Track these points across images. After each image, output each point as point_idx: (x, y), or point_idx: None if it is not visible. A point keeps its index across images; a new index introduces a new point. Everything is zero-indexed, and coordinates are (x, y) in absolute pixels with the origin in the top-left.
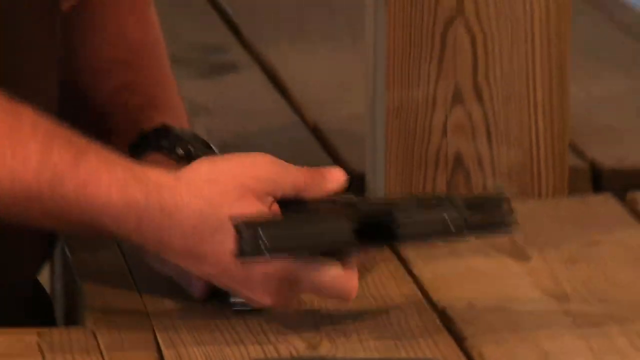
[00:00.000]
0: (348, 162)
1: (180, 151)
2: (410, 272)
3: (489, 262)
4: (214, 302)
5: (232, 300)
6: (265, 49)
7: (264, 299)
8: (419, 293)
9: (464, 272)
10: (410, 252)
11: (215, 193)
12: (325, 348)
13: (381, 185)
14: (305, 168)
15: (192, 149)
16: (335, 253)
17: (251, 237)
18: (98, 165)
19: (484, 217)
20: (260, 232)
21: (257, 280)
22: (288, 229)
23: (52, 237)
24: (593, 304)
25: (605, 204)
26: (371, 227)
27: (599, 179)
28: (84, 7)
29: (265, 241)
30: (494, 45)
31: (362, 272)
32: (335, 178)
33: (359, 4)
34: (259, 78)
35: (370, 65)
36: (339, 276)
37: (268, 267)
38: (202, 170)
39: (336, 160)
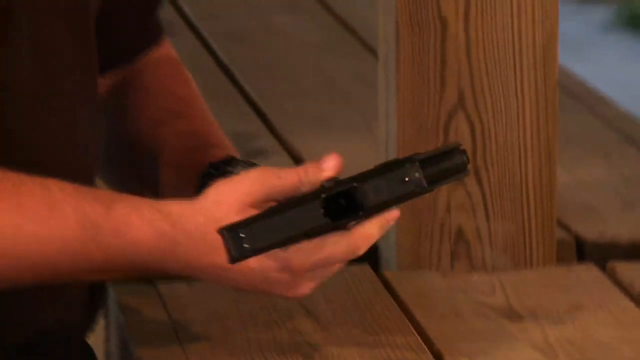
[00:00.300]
0: None
1: None
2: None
3: (487, 323)
4: None
5: None
6: (292, 137)
7: (287, 292)
8: (424, 345)
9: (464, 332)
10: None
11: (220, 212)
12: None
13: (393, 255)
14: (301, 166)
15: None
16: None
17: (234, 241)
18: (127, 211)
19: (441, 168)
20: (241, 235)
21: (272, 277)
22: (265, 224)
23: (97, 299)
24: None
25: (589, 272)
26: (338, 203)
27: (583, 250)
28: (134, 76)
29: (247, 241)
30: (490, 134)
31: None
32: (330, 166)
33: (373, 99)
34: (286, 162)
35: (383, 152)
36: (340, 242)
37: (267, 263)
38: (210, 194)
39: None
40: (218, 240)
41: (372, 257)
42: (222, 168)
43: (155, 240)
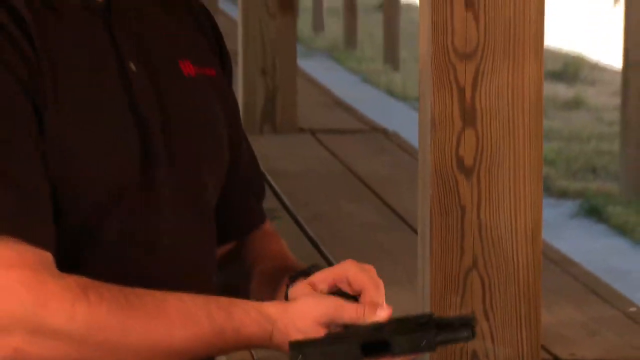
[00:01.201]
0: None
1: None
2: None
3: None
4: None
5: None
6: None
7: None
8: None
9: None
10: None
11: (301, 323)
12: None
13: None
14: (361, 304)
15: None
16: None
17: (295, 353)
18: (241, 315)
19: (450, 337)
20: (303, 350)
21: None
22: (320, 350)
23: None
24: None
25: None
26: (375, 344)
27: None
28: (245, 244)
29: (303, 358)
30: (494, 286)
31: None
32: (383, 315)
33: (414, 261)
34: None
35: (420, 298)
36: None
37: None
38: (298, 304)
39: None
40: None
41: None
42: (307, 272)
43: (260, 334)
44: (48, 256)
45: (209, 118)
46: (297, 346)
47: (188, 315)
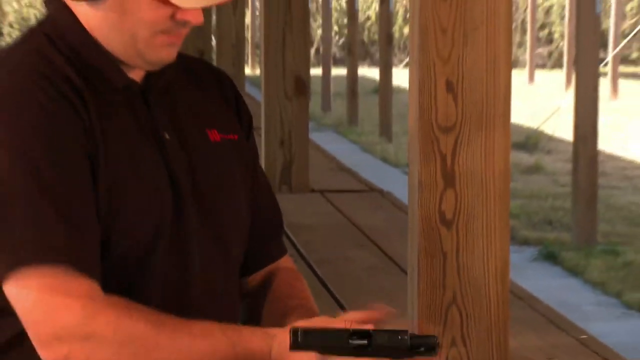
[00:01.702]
0: None
1: None
2: None
3: None
4: None
5: None
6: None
7: None
8: None
9: None
10: None
11: None
12: None
13: None
14: (347, 319)
15: None
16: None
17: (294, 337)
18: (249, 334)
19: (422, 339)
20: (299, 334)
21: None
22: (312, 334)
23: None
24: None
25: None
26: (363, 337)
27: None
28: (267, 278)
29: (301, 340)
30: (470, 317)
31: None
32: (367, 326)
33: (404, 297)
34: None
35: (410, 328)
36: None
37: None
38: (292, 324)
39: None
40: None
41: None
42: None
43: (263, 347)
44: (95, 281)
45: (231, 179)
46: (296, 328)
47: (207, 332)
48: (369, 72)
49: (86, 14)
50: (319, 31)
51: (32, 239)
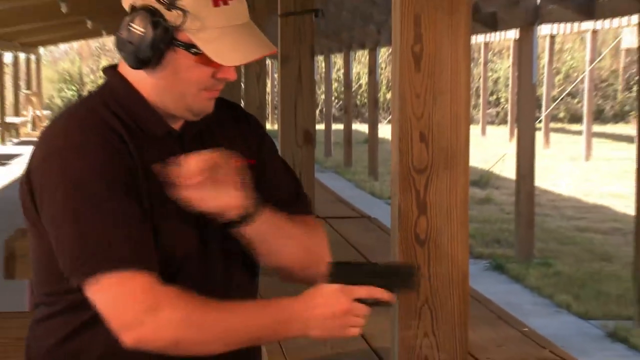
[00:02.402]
0: None
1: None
2: None
3: None
4: None
5: None
6: None
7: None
8: None
9: None
10: None
11: (317, 295)
12: None
13: None
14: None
15: None
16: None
17: (332, 271)
18: (275, 307)
19: (399, 280)
20: (334, 269)
21: (339, 303)
22: (348, 270)
23: None
24: None
25: None
26: (388, 271)
27: None
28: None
29: (338, 274)
30: (437, 315)
31: None
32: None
33: None
34: None
35: (392, 322)
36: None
37: (340, 305)
38: (325, 286)
39: None
40: (322, 305)
41: None
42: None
43: (292, 316)
44: (156, 276)
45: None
46: (333, 265)
47: (255, 309)
48: (361, 127)
49: (141, 79)
50: (323, 96)
51: (102, 250)
